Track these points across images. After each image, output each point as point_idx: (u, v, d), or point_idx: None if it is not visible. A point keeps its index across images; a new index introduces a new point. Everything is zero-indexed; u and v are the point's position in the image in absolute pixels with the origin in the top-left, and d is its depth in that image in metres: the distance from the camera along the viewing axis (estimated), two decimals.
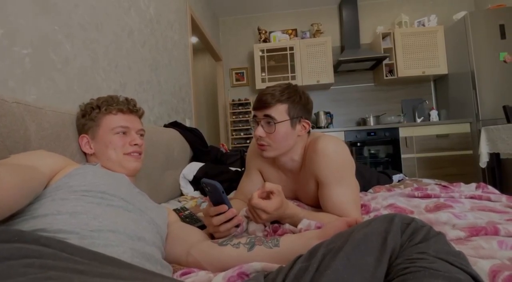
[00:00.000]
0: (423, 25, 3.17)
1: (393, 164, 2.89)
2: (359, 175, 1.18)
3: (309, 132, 0.86)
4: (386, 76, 3.18)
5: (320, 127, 3.23)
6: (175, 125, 1.72)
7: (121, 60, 1.36)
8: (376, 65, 3.28)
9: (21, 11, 0.83)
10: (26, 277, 0.16)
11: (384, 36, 3.19)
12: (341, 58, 3.07)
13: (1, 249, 0.19)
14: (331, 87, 3.50)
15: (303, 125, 0.82)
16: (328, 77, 3.22)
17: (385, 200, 0.95)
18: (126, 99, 0.78)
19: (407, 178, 1.52)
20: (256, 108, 0.79)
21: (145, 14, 1.63)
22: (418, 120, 3.20)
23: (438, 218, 0.68)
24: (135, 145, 0.73)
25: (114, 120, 0.72)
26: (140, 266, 0.45)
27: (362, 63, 3.21)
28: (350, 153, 0.83)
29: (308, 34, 3.42)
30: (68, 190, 0.52)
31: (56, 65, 0.95)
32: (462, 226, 0.64)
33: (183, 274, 0.55)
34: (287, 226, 0.70)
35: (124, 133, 0.73)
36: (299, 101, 0.79)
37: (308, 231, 0.60)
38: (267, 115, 0.76)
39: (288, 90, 0.78)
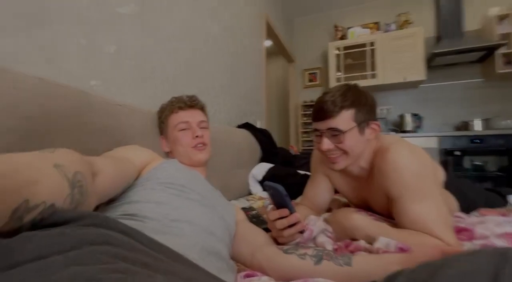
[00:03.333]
0: None
1: (508, 180, 2.27)
2: (458, 192, 0.95)
3: (395, 131, 0.74)
4: (502, 69, 2.52)
5: (404, 132, 2.81)
6: (246, 126, 1.79)
7: (200, 66, 1.49)
8: (486, 56, 2.65)
9: (128, 29, 1.00)
10: (97, 267, 0.18)
11: (502, 18, 2.54)
12: (436, 51, 2.60)
13: (89, 233, 0.23)
14: (421, 85, 3.01)
15: (372, 128, 0.71)
16: (417, 73, 2.78)
17: (498, 226, 0.73)
18: (187, 96, 0.83)
19: None
20: (316, 119, 0.71)
21: (224, 22, 1.75)
22: None
23: None
24: (197, 137, 0.76)
25: (176, 118, 0.78)
26: (206, 261, 0.47)
27: (465, 55, 2.64)
28: (444, 163, 0.67)
29: (393, 27, 3.04)
30: (155, 182, 0.59)
31: (150, 73, 1.11)
32: None
33: (246, 276, 0.55)
34: (362, 243, 0.61)
35: (187, 128, 0.78)
36: (365, 103, 0.69)
37: (389, 254, 0.51)
38: (331, 129, 0.68)
39: (350, 92, 0.69)
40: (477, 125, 2.61)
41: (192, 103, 0.81)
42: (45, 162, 0.28)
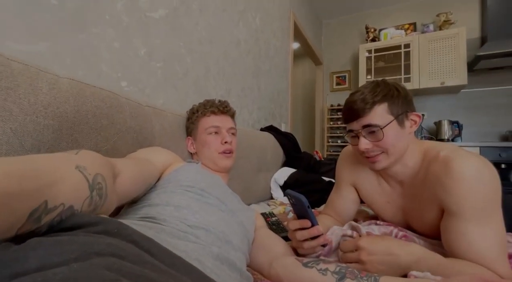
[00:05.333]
0: None
1: None
2: (505, 209, 0.85)
3: (430, 139, 0.66)
4: None
5: (441, 140, 2.61)
6: (270, 129, 1.76)
7: (228, 68, 1.50)
8: None
9: (158, 32, 1.03)
10: None
11: None
12: (481, 53, 2.38)
13: (97, 242, 0.22)
14: (462, 90, 2.78)
15: (412, 120, 0.66)
16: (458, 77, 2.56)
17: None
18: (219, 101, 0.85)
19: None
20: (349, 119, 0.66)
21: (252, 25, 1.76)
22: None
23: None
24: (225, 143, 0.77)
25: (207, 122, 0.80)
26: (220, 271, 0.45)
27: None
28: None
29: (431, 27, 2.84)
30: (176, 184, 0.59)
31: (179, 75, 1.14)
32: None
33: None
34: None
35: (216, 132, 0.79)
36: (398, 95, 0.64)
37: (420, 279, 0.46)
38: (366, 126, 0.63)
39: (380, 87, 0.64)
40: None
41: (224, 109, 0.83)
42: (67, 163, 0.29)
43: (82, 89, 0.59)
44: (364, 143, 0.64)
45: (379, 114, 0.63)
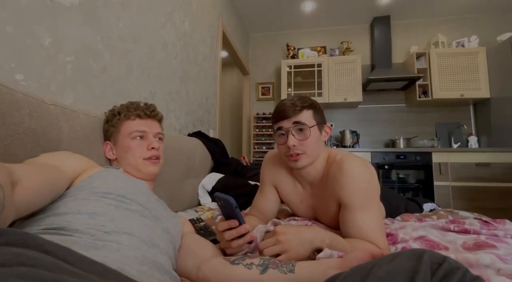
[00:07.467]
0: (462, 46, 3.01)
1: (424, 191, 2.68)
2: (385, 200, 1.10)
3: (337, 146, 0.83)
4: (420, 97, 3.02)
5: (345, 147, 3.12)
6: (198, 135, 1.75)
7: (154, 70, 1.42)
8: (408, 85, 3.15)
9: (69, 21, 0.91)
10: None
11: (419, 56, 3.07)
12: (371, 77, 2.99)
13: (1, 253, 0.19)
14: (359, 106, 3.40)
15: (325, 131, 0.81)
16: (356, 95, 3.14)
17: (415, 230, 0.86)
18: (146, 104, 0.79)
19: (440, 208, 1.38)
20: (281, 118, 0.76)
21: (180, 28, 1.72)
22: (455, 146, 2.98)
23: (479, 259, 0.59)
24: (152, 148, 0.73)
25: (132, 126, 0.74)
26: (148, 275, 0.44)
27: (393, 83, 3.10)
28: (377, 175, 0.78)
29: (337, 52, 3.39)
30: (90, 191, 0.53)
31: (94, 72, 1.02)
32: (510, 272, 0.55)
33: None
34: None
35: (141, 137, 0.74)
36: (319, 107, 0.80)
37: (328, 259, 0.56)
38: (297, 123, 0.74)
39: (306, 98, 0.78)
40: (401, 144, 3.04)
41: (151, 113, 0.78)
42: None
43: None
44: (293, 140, 0.74)
45: (307, 117, 0.75)
